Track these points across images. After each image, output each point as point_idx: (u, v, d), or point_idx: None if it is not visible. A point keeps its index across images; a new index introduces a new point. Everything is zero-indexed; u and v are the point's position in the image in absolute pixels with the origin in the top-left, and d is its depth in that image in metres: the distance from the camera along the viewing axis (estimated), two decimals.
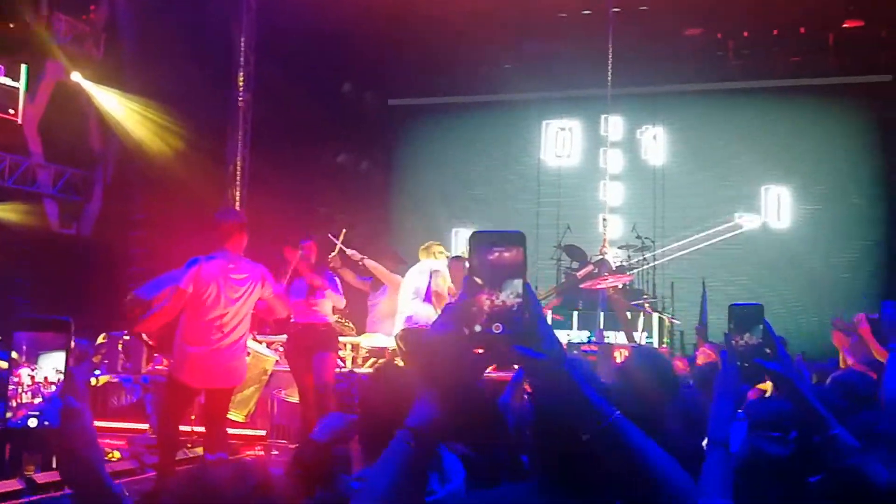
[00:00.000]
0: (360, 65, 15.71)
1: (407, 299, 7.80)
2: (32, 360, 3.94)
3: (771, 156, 14.53)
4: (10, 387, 3.94)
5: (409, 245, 13.32)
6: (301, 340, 7.71)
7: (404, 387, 2.55)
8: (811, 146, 14.63)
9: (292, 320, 7.79)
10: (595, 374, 2.35)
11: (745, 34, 14.68)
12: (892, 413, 3.41)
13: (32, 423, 1.96)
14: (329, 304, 7.75)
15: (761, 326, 2.43)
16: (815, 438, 2.49)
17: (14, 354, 4.09)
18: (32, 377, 4.34)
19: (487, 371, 1.78)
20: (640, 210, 14.59)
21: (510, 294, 1.63)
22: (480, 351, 1.65)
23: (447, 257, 8.60)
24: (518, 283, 1.63)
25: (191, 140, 14.57)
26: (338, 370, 8.20)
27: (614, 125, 14.98)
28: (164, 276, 6.46)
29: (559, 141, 15.72)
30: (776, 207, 14.46)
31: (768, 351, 2.44)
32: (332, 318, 7.89)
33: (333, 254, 8.56)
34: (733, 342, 2.48)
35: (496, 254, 1.65)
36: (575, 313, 11.37)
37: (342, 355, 9.20)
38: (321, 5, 13.67)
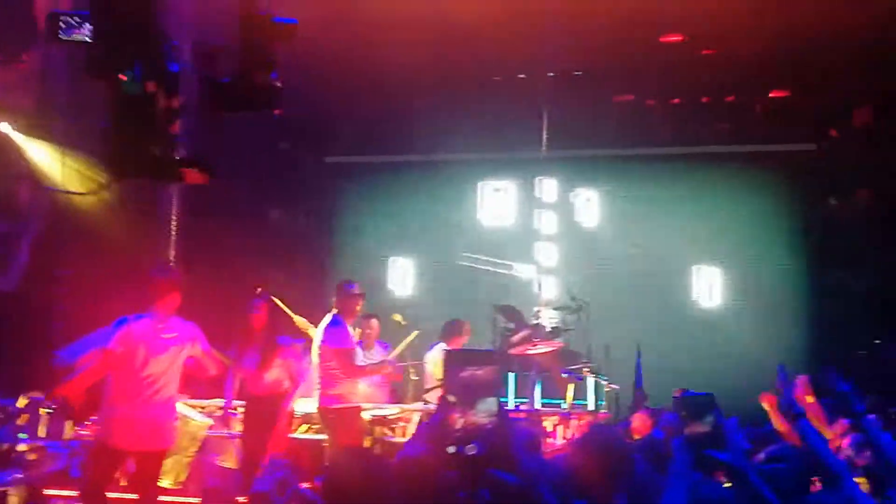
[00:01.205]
0: (296, 122, 15.71)
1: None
2: None
3: (701, 226, 15.01)
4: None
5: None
6: (251, 412, 7.62)
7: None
8: (739, 212, 15.13)
9: (245, 389, 7.69)
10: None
11: (676, 101, 15.12)
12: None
13: None
14: (279, 371, 7.65)
15: (711, 416, 2.48)
16: None
17: None
18: None
19: None
20: (574, 271, 14.79)
21: (484, 412, 1.63)
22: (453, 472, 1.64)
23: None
24: (492, 401, 1.64)
25: (124, 195, 14.33)
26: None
27: (548, 187, 15.22)
28: (90, 337, 6.33)
29: (495, 201, 15.88)
30: (707, 287, 14.96)
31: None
32: (284, 387, 7.78)
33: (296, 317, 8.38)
34: (686, 430, 2.51)
35: (469, 372, 1.65)
36: (511, 375, 11.37)
37: None
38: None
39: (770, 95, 14.82)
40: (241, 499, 8.47)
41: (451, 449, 1.42)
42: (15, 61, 16.59)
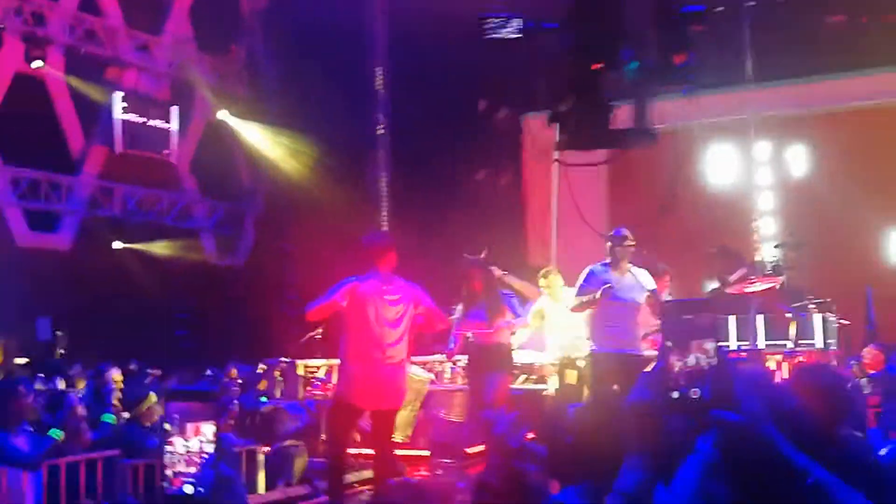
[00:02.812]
0: (492, 81, 15.74)
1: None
2: (184, 429, 4.13)
3: None
4: (167, 456, 4.17)
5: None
6: (480, 361, 7.79)
7: (620, 419, 2.49)
8: None
9: (470, 340, 7.90)
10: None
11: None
12: None
13: (188, 489, 2.06)
14: (503, 325, 7.80)
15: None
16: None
17: (167, 426, 4.32)
18: (186, 446, 4.58)
19: None
20: (790, 217, 14.05)
21: (703, 356, 1.62)
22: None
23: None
24: (710, 345, 1.62)
25: (333, 168, 14.98)
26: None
27: (762, 147, 14.54)
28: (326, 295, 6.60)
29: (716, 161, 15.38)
30: None
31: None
32: (507, 339, 7.92)
33: (499, 273, 8.49)
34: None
35: (686, 319, 1.64)
36: (732, 318, 10.97)
37: None
38: (453, 31, 13.81)
39: None
40: (470, 450, 8.72)
41: (675, 394, 1.42)
42: (225, 53, 17.70)
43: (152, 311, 15.14)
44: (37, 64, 14.27)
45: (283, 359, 9.72)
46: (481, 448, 8.23)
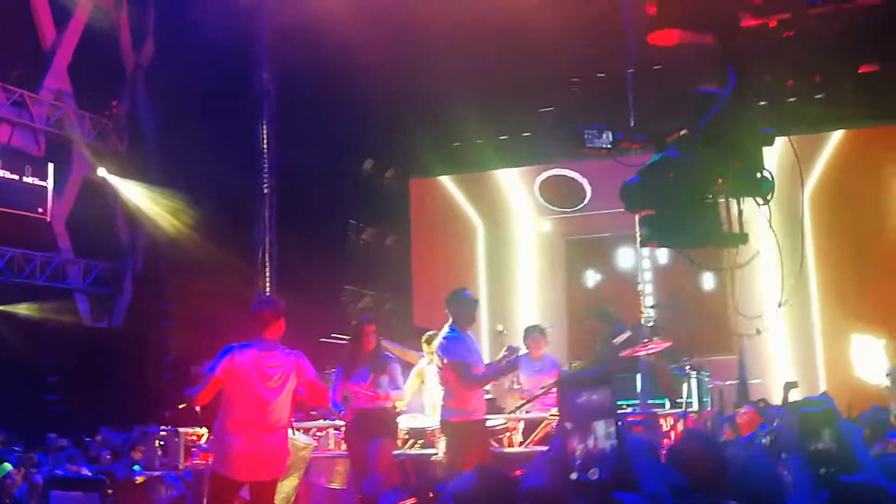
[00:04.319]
0: (381, 143, 15.89)
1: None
2: None
3: None
4: None
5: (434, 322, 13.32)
6: (361, 426, 7.60)
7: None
8: None
9: (350, 405, 7.68)
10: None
11: None
12: None
13: None
14: (385, 389, 7.67)
15: (830, 430, 2.35)
16: None
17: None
18: None
19: None
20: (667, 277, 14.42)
21: (602, 436, 1.64)
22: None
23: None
24: (609, 424, 1.64)
25: (216, 227, 14.74)
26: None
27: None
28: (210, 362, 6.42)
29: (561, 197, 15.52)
30: None
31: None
32: (390, 404, 7.78)
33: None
34: (807, 448, 2.39)
35: (584, 397, 1.66)
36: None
37: None
38: (343, 88, 13.92)
39: None
40: None
41: (574, 476, 1.41)
42: (106, 109, 17.32)
43: (20, 374, 14.47)
44: None
45: (163, 426, 9.38)
46: None
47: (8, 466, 6.57)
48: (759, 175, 4.17)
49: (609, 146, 4.45)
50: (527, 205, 15.15)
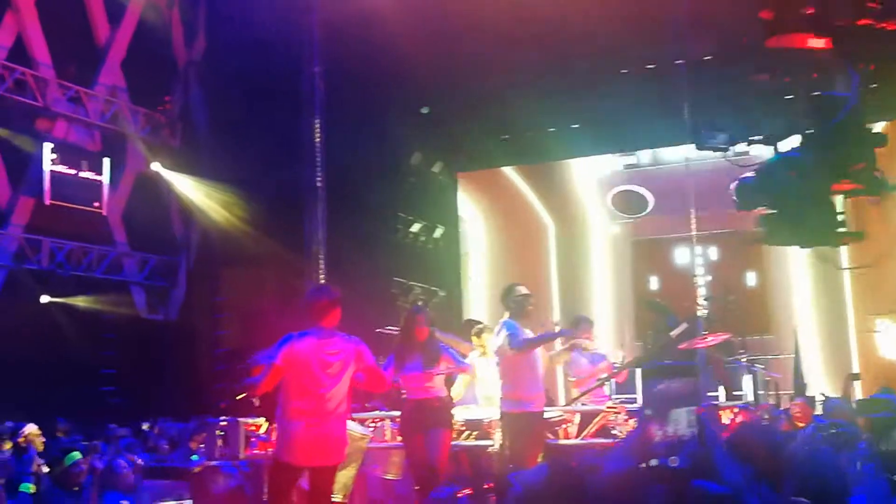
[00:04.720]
0: (429, 136, 15.92)
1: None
2: None
3: None
4: None
5: (489, 312, 13.37)
6: (416, 417, 7.61)
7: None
8: None
9: (405, 396, 7.72)
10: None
11: None
12: None
13: None
14: (442, 378, 7.69)
15: None
16: None
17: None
18: None
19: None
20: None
21: (682, 424, 1.66)
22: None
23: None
24: (690, 412, 1.66)
25: (268, 220, 14.87)
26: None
27: None
28: (272, 349, 6.51)
29: (629, 206, 15.61)
30: None
31: None
32: (446, 393, 7.80)
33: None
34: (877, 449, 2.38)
35: (665, 385, 1.68)
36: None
37: None
38: (391, 82, 13.98)
39: None
40: None
41: (654, 462, 1.42)
42: (159, 104, 17.58)
43: (79, 366, 14.76)
44: None
45: (223, 416, 9.52)
46: None
47: (77, 455, 6.73)
48: (877, 174, 4.22)
49: (725, 146, 4.54)
50: (598, 209, 15.35)
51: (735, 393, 10.54)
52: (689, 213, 12.21)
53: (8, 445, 10.75)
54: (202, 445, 10.94)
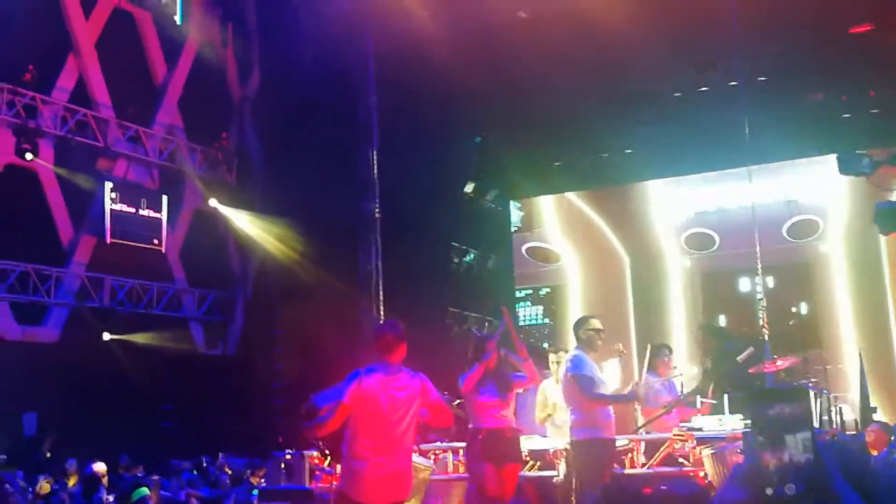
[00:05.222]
0: (483, 164, 15.92)
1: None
2: None
3: None
4: None
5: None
6: (489, 447, 7.46)
7: None
8: None
9: (475, 425, 7.54)
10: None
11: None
12: None
13: None
14: (514, 409, 7.61)
15: None
16: None
17: None
18: None
19: None
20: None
21: (797, 449, 1.57)
22: None
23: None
24: (805, 436, 1.57)
25: (323, 254, 14.93)
26: None
27: None
28: (332, 389, 6.47)
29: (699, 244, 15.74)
30: None
31: None
32: (517, 424, 7.68)
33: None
34: None
35: (777, 409, 1.60)
36: (724, 395, 10.93)
37: None
38: (445, 110, 14.03)
39: None
40: None
41: (769, 491, 1.34)
42: (215, 141, 17.85)
43: (140, 402, 14.93)
44: (28, 156, 14.32)
45: (289, 450, 9.51)
46: None
47: (145, 490, 6.75)
48: None
49: (868, 171, 4.51)
50: (672, 247, 15.78)
51: None
52: (750, 249, 12.29)
53: (73, 481, 10.88)
54: (262, 481, 10.98)
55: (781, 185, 14.07)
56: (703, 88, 14.05)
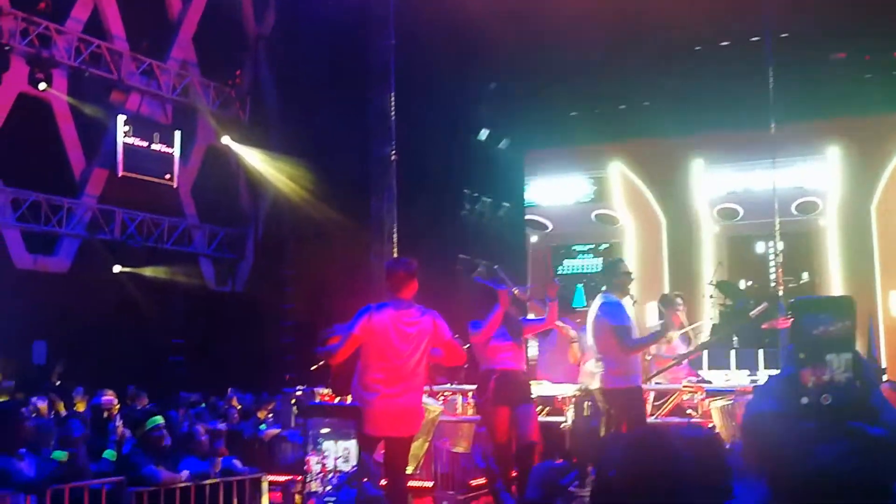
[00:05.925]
0: (497, 112, 15.80)
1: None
2: (318, 446, 3.99)
3: None
4: (301, 476, 3.94)
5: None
6: (503, 389, 7.45)
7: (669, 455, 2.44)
8: None
9: (488, 367, 7.51)
10: None
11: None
12: None
13: None
14: (525, 351, 7.66)
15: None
16: None
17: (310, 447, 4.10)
18: (323, 465, 4.38)
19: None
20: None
21: (839, 368, 1.56)
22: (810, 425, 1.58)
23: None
24: (846, 357, 1.56)
25: (335, 195, 14.90)
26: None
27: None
28: (344, 323, 6.48)
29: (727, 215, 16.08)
30: None
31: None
32: (525, 367, 7.73)
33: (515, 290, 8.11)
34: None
35: (821, 328, 1.58)
36: (732, 352, 10.96)
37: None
38: (462, 57, 13.88)
39: None
40: (473, 482, 8.58)
41: (805, 400, 1.36)
42: (229, 78, 17.73)
43: (149, 335, 15.02)
44: (41, 86, 14.24)
45: (299, 387, 9.57)
46: (484, 481, 8.06)
47: (159, 419, 6.78)
48: None
49: None
50: (706, 215, 16.50)
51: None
52: (768, 220, 12.66)
53: (81, 405, 10.99)
54: (270, 416, 11.08)
55: (792, 174, 15.22)
56: (725, 42, 13.89)
